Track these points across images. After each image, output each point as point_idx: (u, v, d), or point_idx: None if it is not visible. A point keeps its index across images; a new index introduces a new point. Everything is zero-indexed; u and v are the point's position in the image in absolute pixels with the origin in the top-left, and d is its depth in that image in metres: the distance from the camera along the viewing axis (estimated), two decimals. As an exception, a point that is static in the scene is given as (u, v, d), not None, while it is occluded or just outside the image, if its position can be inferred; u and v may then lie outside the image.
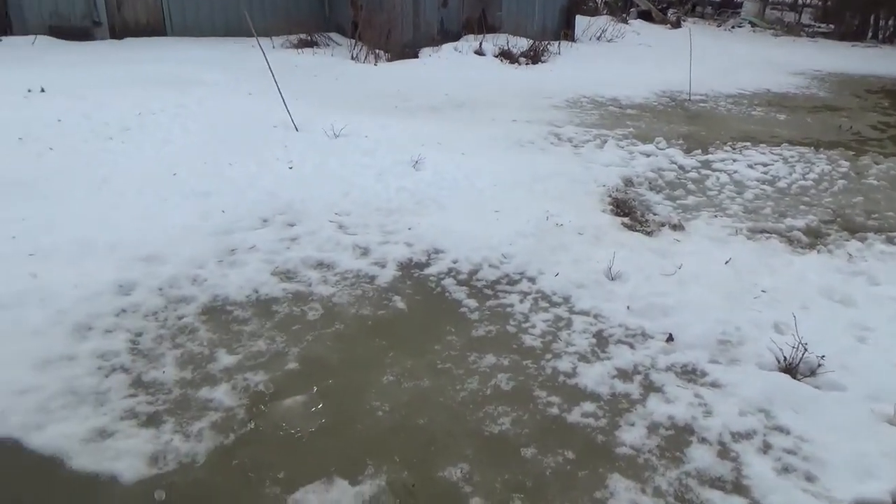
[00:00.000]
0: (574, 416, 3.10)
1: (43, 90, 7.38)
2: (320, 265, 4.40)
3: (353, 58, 12.12)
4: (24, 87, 7.43)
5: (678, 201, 5.97)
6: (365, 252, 4.59)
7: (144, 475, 2.65)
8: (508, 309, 3.98)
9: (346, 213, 5.14)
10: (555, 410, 3.13)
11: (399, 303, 4.00)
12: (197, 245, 4.48)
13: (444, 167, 6.10)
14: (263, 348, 3.49)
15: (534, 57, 12.78)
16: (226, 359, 3.39)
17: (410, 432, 2.95)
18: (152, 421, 2.93)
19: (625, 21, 19.10)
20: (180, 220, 4.83)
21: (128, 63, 10.13)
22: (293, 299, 3.98)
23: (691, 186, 6.36)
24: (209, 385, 3.18)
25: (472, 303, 4.03)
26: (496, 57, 12.66)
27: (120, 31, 12.42)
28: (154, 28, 12.73)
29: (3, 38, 11.43)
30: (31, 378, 3.10)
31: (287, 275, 4.25)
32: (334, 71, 11.07)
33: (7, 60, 9.67)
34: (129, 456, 2.72)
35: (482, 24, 13.30)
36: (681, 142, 7.73)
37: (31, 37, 11.41)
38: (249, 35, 12.29)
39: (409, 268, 4.42)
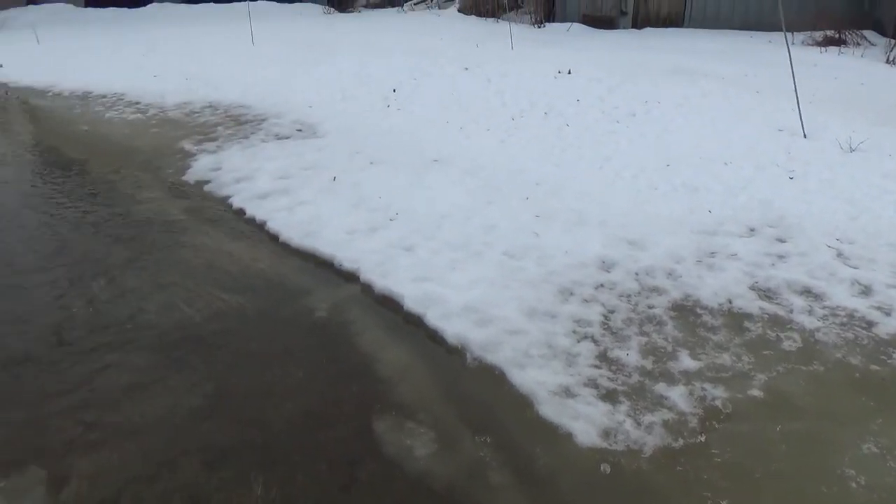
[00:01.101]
0: None
1: (570, 72, 8.32)
2: (807, 292, 3.95)
3: (888, 61, 10.34)
4: (555, 68, 8.49)
5: None
6: (866, 291, 3.93)
7: (595, 444, 2.82)
8: None
9: (850, 242, 4.48)
10: None
11: (902, 363, 3.33)
12: (678, 239, 4.50)
13: None
14: (727, 363, 3.33)
15: None
16: (687, 361, 3.35)
17: (890, 522, 2.46)
18: (610, 397, 3.10)
19: None
20: (666, 210, 4.91)
21: (643, 51, 10.64)
22: (769, 321, 3.68)
23: None
24: (666, 382, 3.20)
25: None
26: None
27: (641, 21, 13.16)
28: (672, 19, 13.12)
29: (547, 24, 13.29)
30: (521, 322, 3.60)
31: (767, 293, 3.94)
32: (851, 72, 9.63)
33: (548, 43, 11.21)
34: (585, 421, 2.93)
35: None
36: None
37: (568, 24, 12.98)
38: (766, 29, 11.58)
39: (923, 325, 3.63)
